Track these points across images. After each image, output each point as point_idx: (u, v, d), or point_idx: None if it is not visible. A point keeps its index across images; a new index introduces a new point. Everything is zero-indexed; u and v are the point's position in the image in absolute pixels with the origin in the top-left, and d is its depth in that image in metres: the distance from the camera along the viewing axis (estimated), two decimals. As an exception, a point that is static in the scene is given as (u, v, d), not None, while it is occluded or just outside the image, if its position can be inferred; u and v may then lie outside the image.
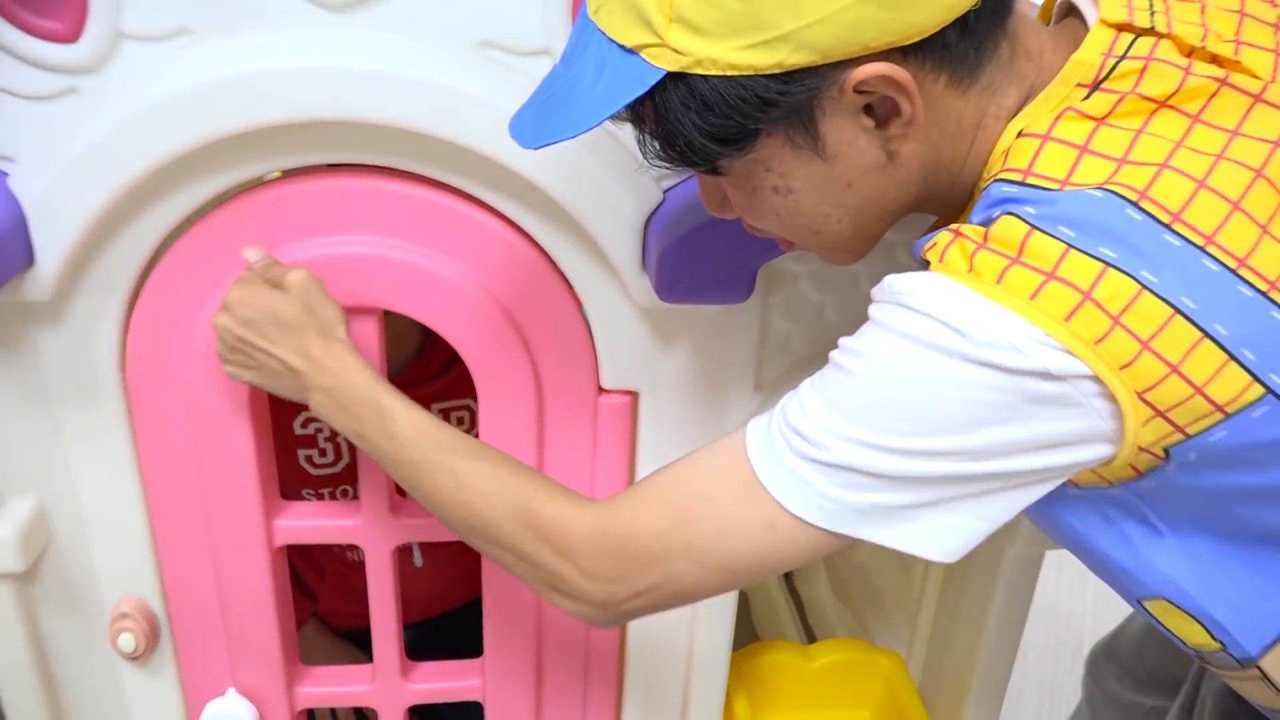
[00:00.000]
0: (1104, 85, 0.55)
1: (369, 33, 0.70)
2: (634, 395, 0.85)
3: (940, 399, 0.53)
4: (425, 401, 0.79)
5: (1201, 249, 0.51)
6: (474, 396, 0.85)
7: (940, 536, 0.57)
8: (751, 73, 0.53)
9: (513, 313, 0.80)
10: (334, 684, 0.98)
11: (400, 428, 0.69)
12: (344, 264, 0.77)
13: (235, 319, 0.71)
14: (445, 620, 1.26)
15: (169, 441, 0.82)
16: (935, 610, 1.06)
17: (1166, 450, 0.54)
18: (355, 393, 0.70)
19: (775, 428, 0.59)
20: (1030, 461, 0.54)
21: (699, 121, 0.55)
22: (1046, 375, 0.51)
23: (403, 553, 0.97)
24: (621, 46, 0.54)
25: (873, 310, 0.57)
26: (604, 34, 0.55)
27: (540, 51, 0.71)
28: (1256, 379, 0.51)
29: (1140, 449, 0.54)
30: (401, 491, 0.84)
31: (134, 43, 0.69)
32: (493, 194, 0.76)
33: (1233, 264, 0.51)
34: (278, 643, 0.92)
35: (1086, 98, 0.55)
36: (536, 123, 0.57)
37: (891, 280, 0.57)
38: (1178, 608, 0.63)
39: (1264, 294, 0.51)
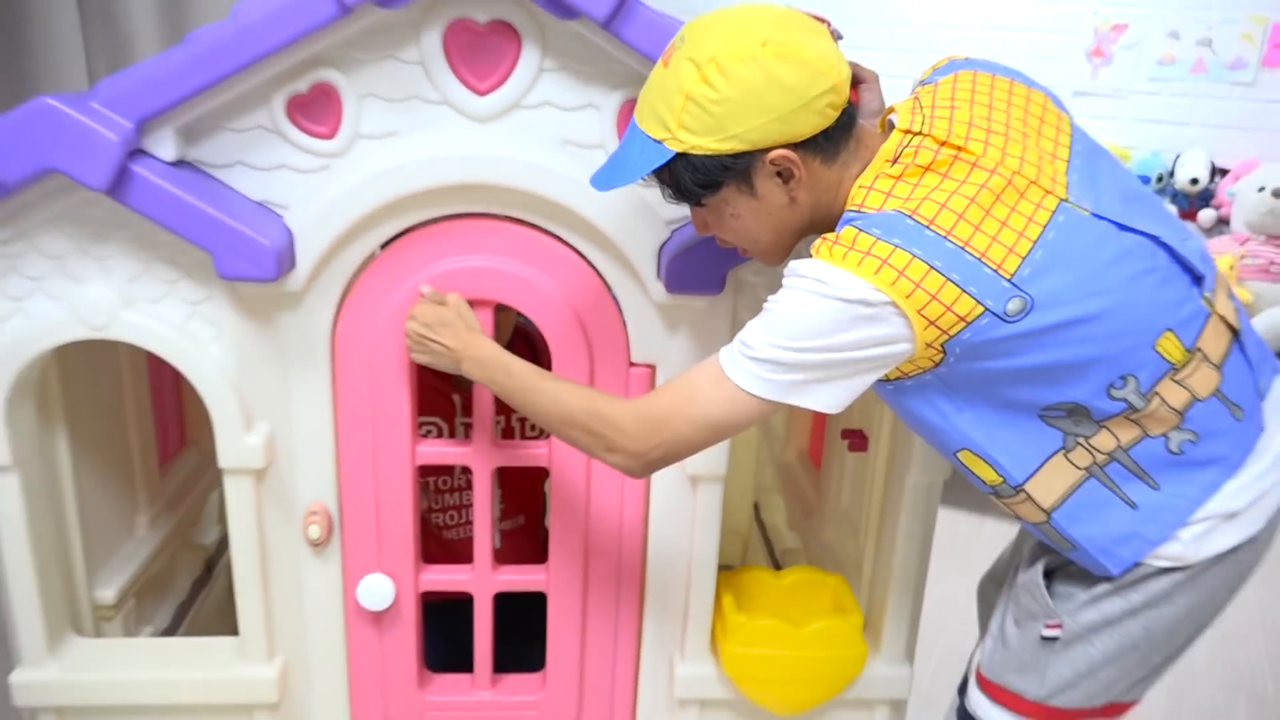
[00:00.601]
0: (898, 160, 1.02)
1: (499, 134, 1.20)
2: (652, 368, 1.32)
3: (814, 318, 0.99)
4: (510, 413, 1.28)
5: (944, 237, 0.97)
6: None
7: (825, 398, 1.01)
8: (719, 153, 1.01)
9: (576, 307, 1.27)
10: (445, 574, 1.42)
11: (514, 369, 1.16)
12: (474, 273, 1.25)
13: (418, 323, 1.21)
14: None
15: (355, 391, 1.29)
16: (870, 544, 1.48)
17: (942, 346, 0.99)
18: (487, 354, 1.18)
19: (734, 345, 1.04)
20: (866, 353, 0.99)
21: (691, 178, 1.03)
22: (867, 303, 0.97)
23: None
24: (650, 137, 1.03)
25: (783, 279, 1.04)
26: (643, 130, 1.04)
27: (597, 146, 1.21)
28: (978, 302, 0.96)
29: (925, 344, 0.98)
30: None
31: (364, 139, 1.20)
32: (565, 231, 1.25)
33: (959, 244, 0.97)
34: (411, 541, 1.37)
35: (890, 166, 1.02)
36: (606, 177, 1.06)
37: (790, 263, 1.03)
38: (975, 455, 1.06)
39: (978, 259, 0.97)
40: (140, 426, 1.64)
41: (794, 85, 0.98)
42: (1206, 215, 3.75)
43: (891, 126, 1.07)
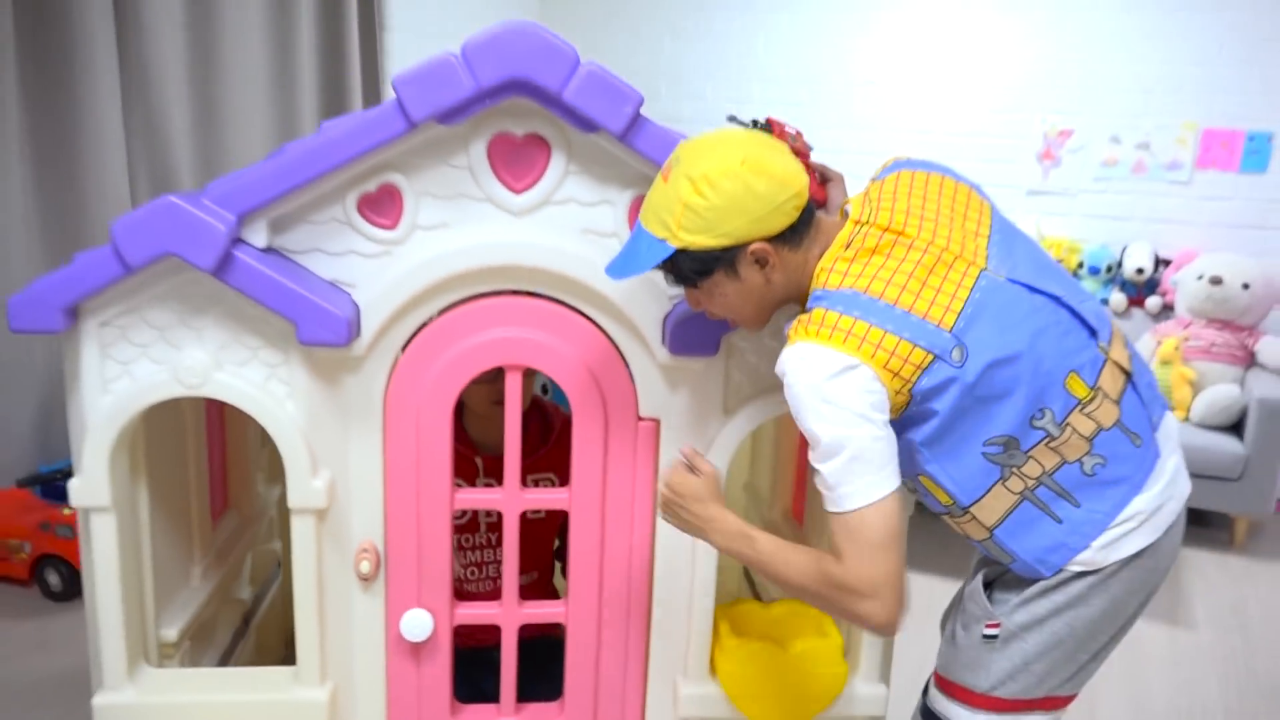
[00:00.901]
0: (850, 245, 1.28)
1: (532, 226, 1.46)
2: (657, 421, 1.55)
3: (826, 408, 1.20)
4: (527, 472, 1.51)
5: (892, 305, 1.22)
6: (554, 471, 1.56)
7: (890, 450, 1.21)
8: (710, 247, 1.26)
9: (592, 369, 1.51)
10: (477, 609, 1.61)
11: (758, 543, 1.31)
12: (509, 342, 1.49)
13: (673, 492, 1.39)
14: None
15: (403, 443, 1.51)
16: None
17: (909, 392, 1.22)
18: (733, 529, 1.33)
19: (832, 491, 1.20)
20: (873, 399, 1.21)
21: (689, 267, 1.29)
22: (847, 365, 1.20)
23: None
24: (655, 237, 1.28)
25: (787, 394, 1.24)
26: (648, 231, 1.29)
27: (611, 234, 1.47)
28: (928, 351, 1.21)
29: (894, 392, 1.22)
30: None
31: (420, 230, 1.45)
32: (584, 304, 1.49)
33: (905, 309, 1.22)
34: (447, 578, 1.57)
35: (845, 250, 1.28)
36: (619, 268, 1.31)
37: (780, 369, 1.25)
38: (933, 482, 1.29)
39: (921, 318, 1.21)
40: (199, 484, 1.85)
41: (766, 194, 1.25)
42: (1153, 302, 4.06)
43: (847, 216, 1.33)
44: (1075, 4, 4.15)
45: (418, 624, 1.56)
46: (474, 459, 1.81)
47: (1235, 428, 3.57)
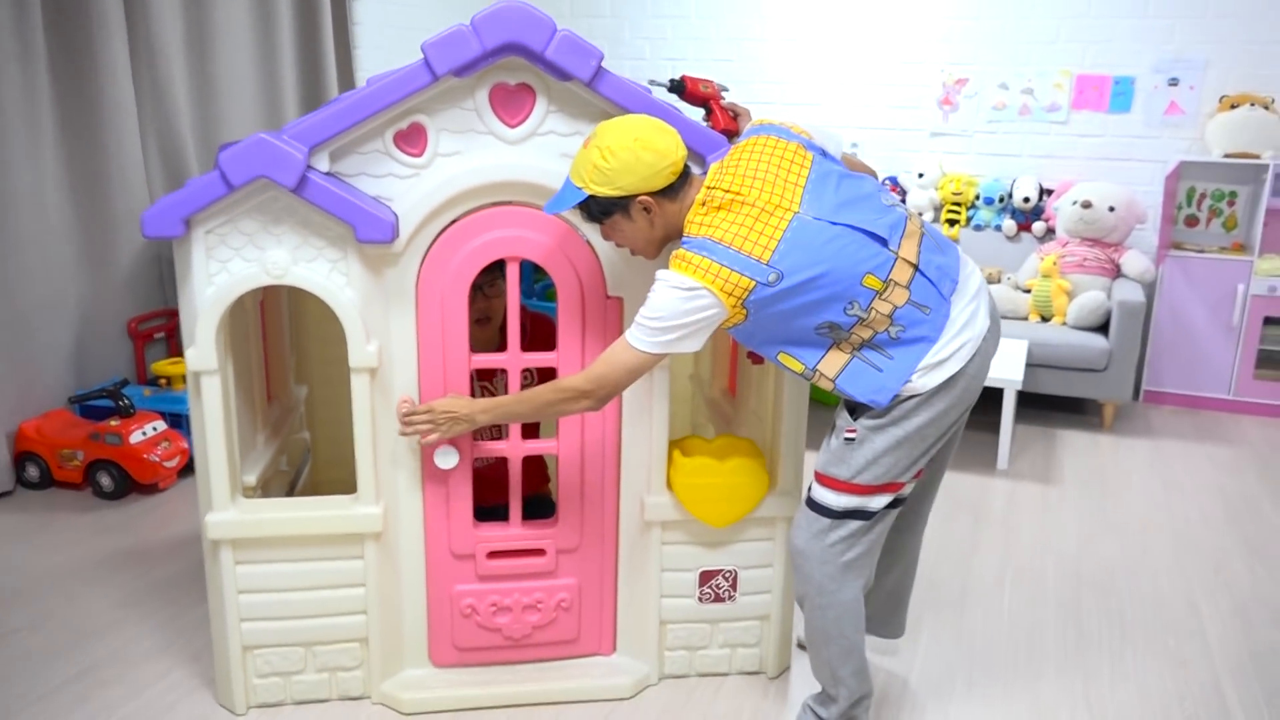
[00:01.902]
0: (705, 204, 1.84)
1: (523, 152, 1.97)
2: (621, 299, 2.08)
3: (669, 304, 1.78)
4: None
5: (726, 246, 1.77)
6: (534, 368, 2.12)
7: (688, 345, 1.82)
8: (610, 195, 1.82)
9: (571, 259, 2.03)
10: (491, 446, 2.14)
11: (511, 401, 1.96)
12: (508, 240, 2.01)
13: (434, 416, 1.98)
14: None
15: (431, 318, 2.02)
16: (768, 416, 2.25)
17: (744, 305, 1.78)
18: (487, 405, 1.97)
19: (634, 326, 1.82)
20: (700, 316, 1.78)
21: (596, 208, 1.85)
22: (693, 290, 1.77)
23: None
24: (575, 185, 1.83)
25: (656, 281, 1.82)
26: (572, 182, 1.84)
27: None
28: (751, 278, 1.77)
29: (732, 307, 1.78)
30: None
31: (440, 157, 1.96)
32: (566, 212, 2.01)
33: (735, 249, 1.77)
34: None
35: (700, 208, 1.84)
36: (551, 206, 1.86)
37: (659, 272, 1.81)
38: (788, 356, 1.86)
39: (746, 255, 1.77)
40: (258, 372, 2.35)
41: (650, 162, 1.81)
42: (1039, 226, 4.69)
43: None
44: (967, -34, 4.72)
45: (447, 458, 2.09)
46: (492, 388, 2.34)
47: (1104, 329, 4.21)
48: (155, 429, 3.31)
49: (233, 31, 3.98)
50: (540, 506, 2.36)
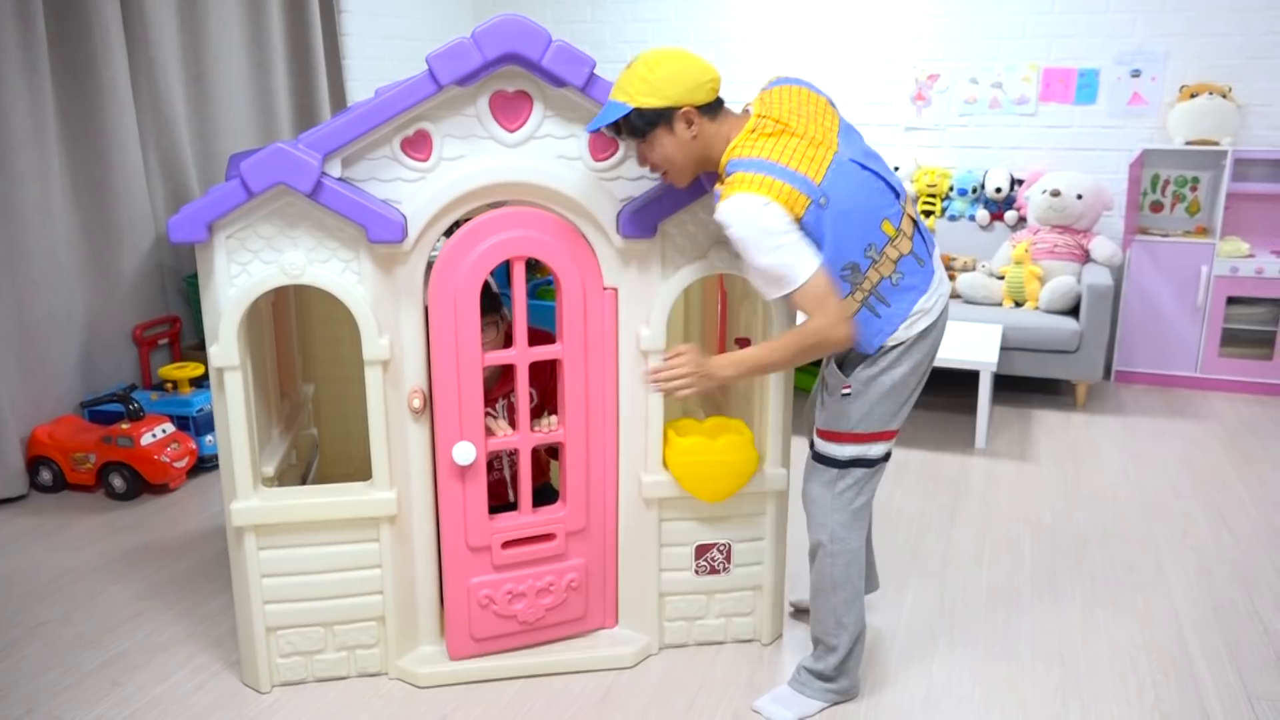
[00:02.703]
0: (755, 131, 1.98)
1: (522, 155, 2.11)
2: (615, 290, 2.21)
3: (759, 225, 1.91)
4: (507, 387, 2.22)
5: (784, 166, 1.92)
6: (536, 385, 2.26)
7: (810, 256, 1.93)
8: (655, 106, 1.95)
9: (570, 253, 2.17)
10: (502, 440, 2.27)
11: (755, 354, 2.04)
12: (513, 240, 2.14)
13: (682, 374, 2.06)
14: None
15: (442, 314, 2.15)
16: (755, 397, 2.40)
17: (800, 225, 1.93)
18: (734, 359, 2.05)
19: (782, 277, 1.93)
20: (787, 223, 1.92)
21: (640, 120, 1.97)
22: (766, 204, 1.90)
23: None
24: (619, 102, 1.97)
25: (729, 232, 1.94)
26: (615, 100, 1.97)
27: (577, 158, 2.12)
28: (808, 196, 1.91)
29: (797, 219, 1.93)
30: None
31: (445, 161, 2.09)
32: (561, 209, 2.15)
33: (792, 168, 1.92)
34: (481, 418, 2.22)
35: (751, 135, 1.97)
36: (595, 123, 1.99)
37: (723, 215, 1.94)
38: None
39: (802, 174, 1.91)
40: (273, 370, 2.47)
41: (694, 74, 1.96)
42: (1010, 215, 4.85)
43: (748, 114, 2.04)
44: (935, -34, 4.89)
45: (465, 452, 2.20)
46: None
47: (1074, 312, 4.38)
48: (165, 431, 3.42)
49: (227, 45, 4.09)
50: (544, 495, 2.50)
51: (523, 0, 5.60)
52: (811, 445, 2.20)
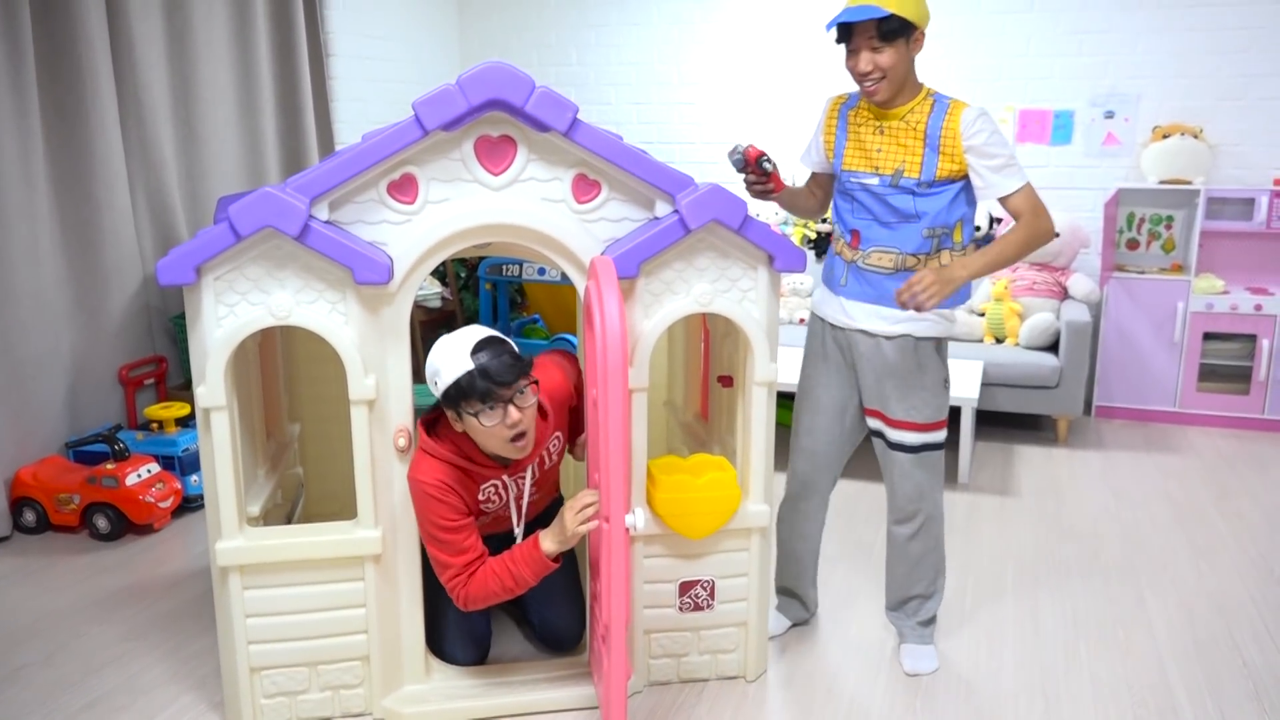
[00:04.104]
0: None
1: (506, 198, 2.15)
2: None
3: (1004, 137, 2.25)
4: (538, 447, 2.20)
5: None
6: (560, 430, 2.31)
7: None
8: (907, 18, 2.18)
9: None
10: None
11: (984, 255, 2.29)
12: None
13: (926, 289, 2.16)
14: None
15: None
16: (739, 434, 2.43)
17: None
18: (965, 263, 2.28)
19: (1013, 175, 2.25)
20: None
21: (891, 25, 2.18)
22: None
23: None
24: (878, 7, 2.14)
25: (983, 137, 2.23)
26: (874, 3, 2.15)
27: (560, 200, 2.17)
28: None
29: None
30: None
31: (430, 204, 2.13)
32: (544, 249, 2.19)
33: None
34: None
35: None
36: (861, 13, 2.17)
37: (969, 113, 2.23)
38: (964, 222, 2.37)
39: None
40: (259, 411, 2.49)
41: (926, 8, 2.22)
42: (990, 253, 4.91)
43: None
44: (913, 11, 4.99)
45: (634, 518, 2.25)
46: (500, 476, 2.30)
47: (1054, 348, 4.44)
48: (150, 471, 3.42)
49: (216, 88, 4.15)
50: (556, 504, 2.54)
51: (508, 44, 5.70)
52: (899, 445, 2.44)
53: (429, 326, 4.83)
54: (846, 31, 2.23)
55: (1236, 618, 2.83)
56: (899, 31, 2.16)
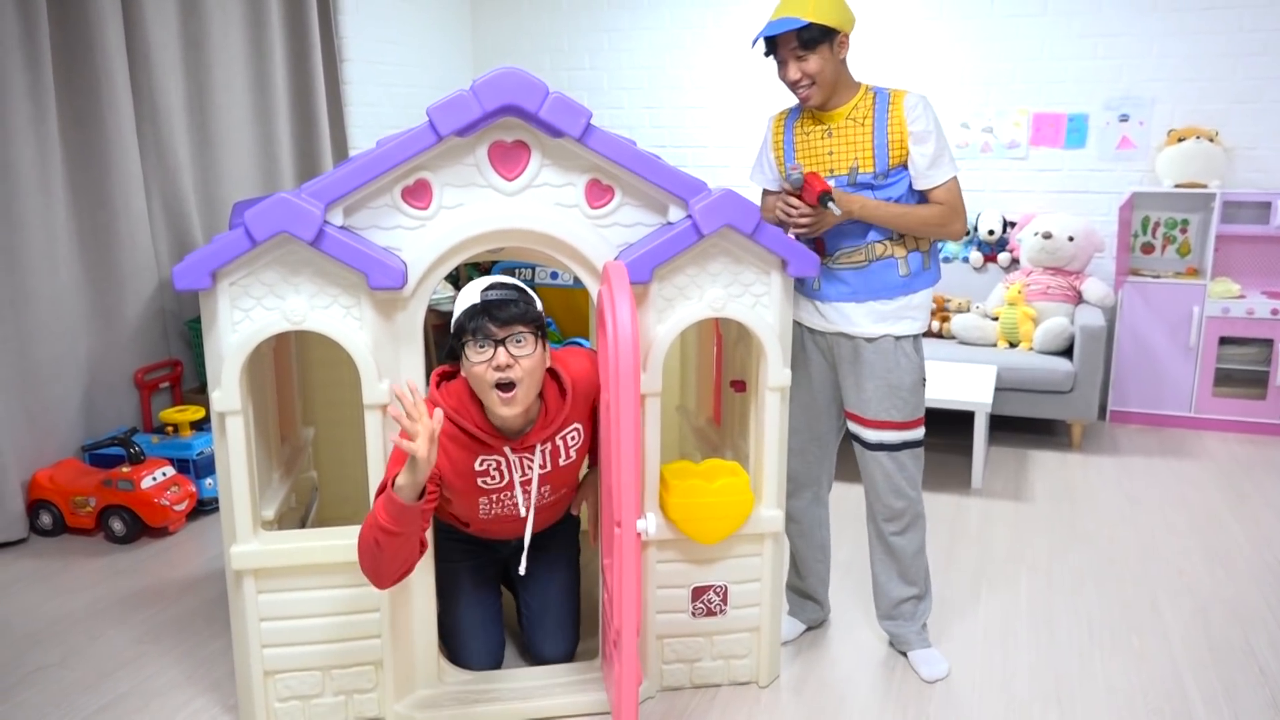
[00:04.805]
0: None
1: (519, 203, 2.15)
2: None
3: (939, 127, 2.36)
4: (557, 432, 2.25)
5: None
6: (580, 420, 2.27)
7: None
8: (827, 24, 2.25)
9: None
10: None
11: (882, 210, 2.36)
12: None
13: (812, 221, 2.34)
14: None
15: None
16: (751, 439, 2.42)
17: None
18: (861, 204, 2.36)
19: (943, 161, 2.36)
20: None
21: (811, 34, 2.25)
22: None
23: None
24: (796, 18, 2.23)
25: (919, 120, 2.33)
26: (789, 14, 2.24)
27: (574, 206, 2.17)
28: None
29: None
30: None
31: (444, 209, 2.14)
32: (557, 254, 2.19)
33: None
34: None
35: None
36: (780, 25, 2.25)
37: (910, 98, 2.34)
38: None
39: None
40: (273, 416, 2.50)
41: (850, 12, 2.30)
42: (1004, 257, 4.91)
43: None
44: (925, 16, 4.99)
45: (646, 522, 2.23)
46: (502, 448, 2.25)
47: (1068, 353, 4.42)
48: (165, 474, 3.44)
49: (231, 93, 4.17)
50: (568, 522, 2.56)
51: (522, 49, 5.71)
52: (881, 445, 2.47)
53: (442, 331, 4.84)
54: (772, 44, 2.32)
55: (1253, 624, 2.81)
56: (820, 39, 2.25)
